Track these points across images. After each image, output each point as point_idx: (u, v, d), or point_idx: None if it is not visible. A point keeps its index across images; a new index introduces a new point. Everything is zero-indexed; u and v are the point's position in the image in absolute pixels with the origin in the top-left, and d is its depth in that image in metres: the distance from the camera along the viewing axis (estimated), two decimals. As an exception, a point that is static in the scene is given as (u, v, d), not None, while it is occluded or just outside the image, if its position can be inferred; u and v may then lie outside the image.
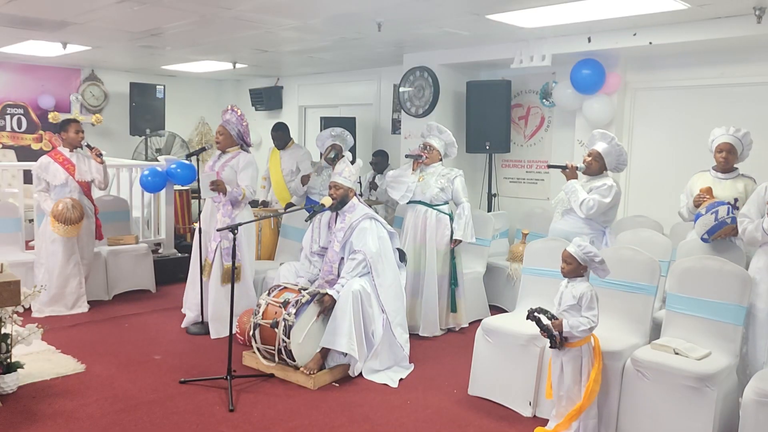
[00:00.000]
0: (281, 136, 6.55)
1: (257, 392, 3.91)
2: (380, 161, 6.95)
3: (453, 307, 5.19)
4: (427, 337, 5.07)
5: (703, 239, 3.94)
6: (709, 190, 4.07)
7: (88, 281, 5.56)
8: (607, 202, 4.20)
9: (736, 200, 4.03)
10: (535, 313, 3.23)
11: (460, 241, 5.10)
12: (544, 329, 3.24)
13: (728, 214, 3.79)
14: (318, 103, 9.12)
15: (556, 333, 3.22)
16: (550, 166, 4.72)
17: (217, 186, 4.83)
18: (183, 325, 5.16)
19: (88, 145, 5.46)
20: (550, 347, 3.31)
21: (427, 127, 5.31)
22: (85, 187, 5.42)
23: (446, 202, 5.15)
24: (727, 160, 4.14)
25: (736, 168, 4.19)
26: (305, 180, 6.24)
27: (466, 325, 5.28)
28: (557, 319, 3.25)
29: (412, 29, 5.52)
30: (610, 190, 4.21)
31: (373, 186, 6.71)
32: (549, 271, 3.95)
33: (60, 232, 5.16)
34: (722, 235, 3.87)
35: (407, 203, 5.24)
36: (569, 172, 4.38)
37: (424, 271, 5.12)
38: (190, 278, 5.23)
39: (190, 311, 5.16)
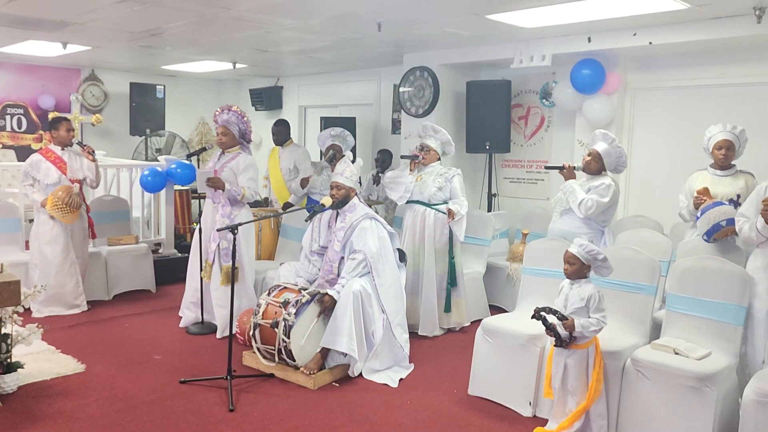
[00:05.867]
0: (282, 131, 6.54)
1: (257, 392, 3.91)
2: (385, 158, 6.96)
3: (447, 307, 5.16)
4: (426, 336, 5.07)
5: (704, 239, 3.95)
6: (705, 191, 4.08)
7: (85, 280, 5.56)
8: (605, 201, 4.20)
9: (738, 196, 4.03)
10: (542, 313, 3.20)
11: (453, 215, 4.96)
12: (549, 328, 3.22)
13: (725, 215, 3.81)
14: (318, 103, 9.12)
15: (566, 333, 3.21)
16: (547, 168, 4.74)
17: (214, 183, 4.83)
18: (182, 325, 5.16)
19: (79, 143, 5.45)
20: (555, 346, 3.29)
21: (422, 128, 5.31)
22: (78, 186, 5.41)
23: (445, 202, 5.14)
24: (727, 156, 4.16)
25: (734, 165, 4.21)
26: (304, 183, 6.23)
27: (467, 324, 5.27)
28: (567, 318, 3.22)
29: (412, 29, 5.52)
30: (608, 189, 4.21)
31: (376, 180, 6.71)
32: (549, 271, 3.95)
33: (58, 216, 5.15)
34: (723, 235, 3.87)
35: (406, 203, 5.25)
36: (567, 172, 4.38)
37: (423, 270, 5.11)
38: (188, 278, 5.22)
39: (189, 311, 5.16)
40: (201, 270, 5.02)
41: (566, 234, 4.13)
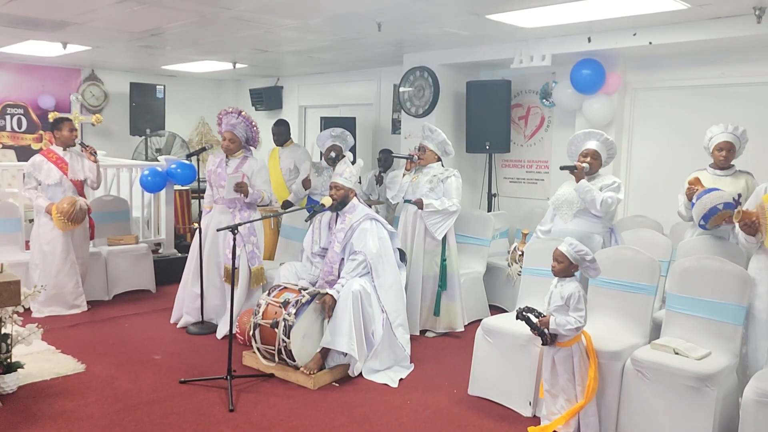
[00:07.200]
0: (282, 131, 6.52)
1: (257, 392, 3.91)
2: (387, 158, 6.94)
3: (436, 310, 5.11)
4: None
5: (700, 225, 3.94)
6: (697, 180, 4.10)
7: (85, 281, 5.56)
8: (621, 198, 4.19)
9: (739, 196, 4.02)
10: (524, 313, 3.27)
11: (421, 202, 4.97)
12: (534, 327, 3.28)
13: (721, 199, 3.80)
14: (318, 103, 9.12)
15: (545, 330, 3.25)
16: (562, 168, 4.54)
17: (242, 188, 4.82)
18: (182, 325, 5.16)
19: (82, 144, 5.45)
20: (542, 344, 3.34)
21: (421, 129, 5.32)
22: (78, 187, 5.41)
23: None
24: (727, 158, 4.18)
25: (733, 165, 4.22)
26: (307, 184, 6.22)
27: (461, 329, 5.20)
28: (545, 316, 3.29)
29: (412, 29, 5.52)
30: (620, 187, 4.19)
31: (378, 180, 6.71)
32: (549, 271, 3.94)
33: (60, 227, 5.18)
34: (719, 221, 3.84)
35: (403, 203, 5.24)
36: (578, 172, 4.25)
37: (410, 269, 5.06)
38: (185, 280, 5.20)
39: (189, 315, 5.13)
40: (201, 273, 5.00)
41: (582, 235, 4.00)
